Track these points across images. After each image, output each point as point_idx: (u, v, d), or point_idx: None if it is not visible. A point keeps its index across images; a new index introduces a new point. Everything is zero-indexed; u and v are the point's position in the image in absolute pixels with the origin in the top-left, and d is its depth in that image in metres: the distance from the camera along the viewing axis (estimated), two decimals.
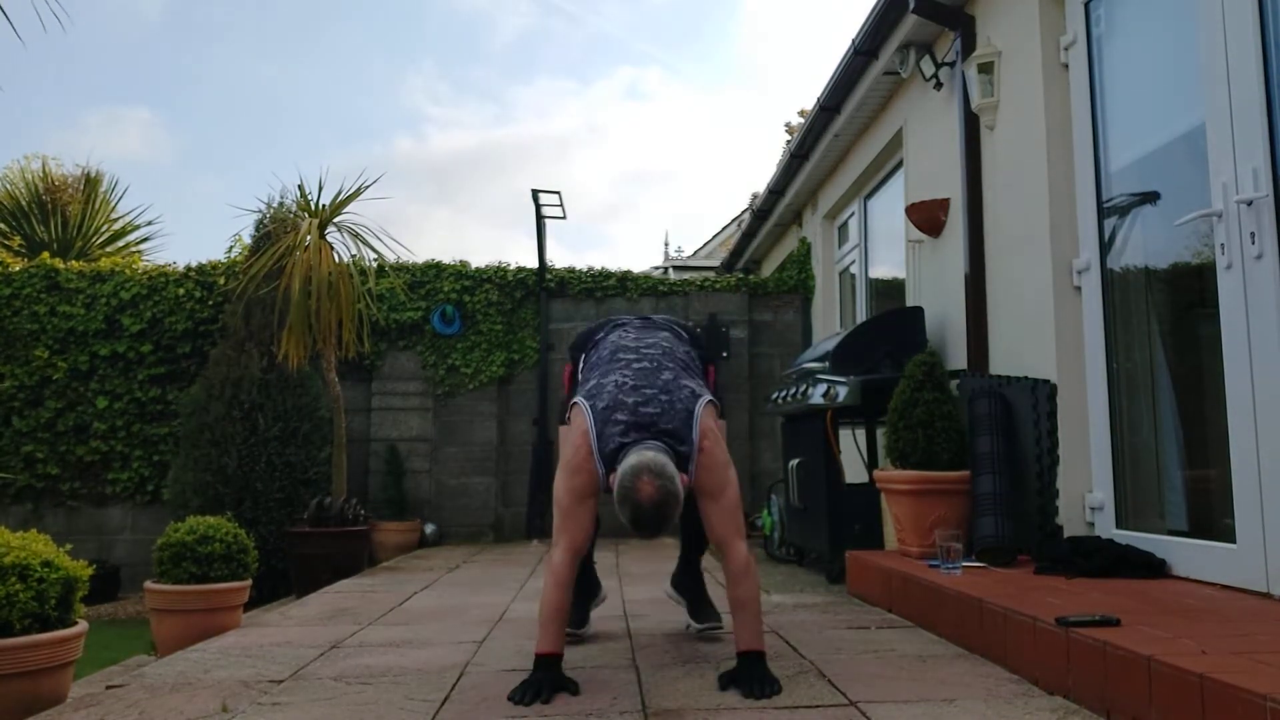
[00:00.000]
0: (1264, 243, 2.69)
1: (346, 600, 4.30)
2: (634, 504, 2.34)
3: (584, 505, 2.56)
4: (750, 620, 2.49)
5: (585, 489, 2.56)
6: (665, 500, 2.33)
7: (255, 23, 34.21)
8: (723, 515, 2.56)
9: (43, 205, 10.57)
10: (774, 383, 7.50)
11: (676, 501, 2.35)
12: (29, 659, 2.48)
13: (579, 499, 2.56)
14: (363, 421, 7.67)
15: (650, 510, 2.33)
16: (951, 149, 4.64)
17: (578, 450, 2.56)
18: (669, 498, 2.34)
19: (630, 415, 2.53)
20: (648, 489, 2.33)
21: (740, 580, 2.50)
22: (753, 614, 2.49)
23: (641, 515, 2.33)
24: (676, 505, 2.35)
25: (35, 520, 7.38)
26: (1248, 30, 2.76)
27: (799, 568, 5.16)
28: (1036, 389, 3.76)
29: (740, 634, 2.48)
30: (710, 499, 2.56)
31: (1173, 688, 1.87)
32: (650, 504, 2.32)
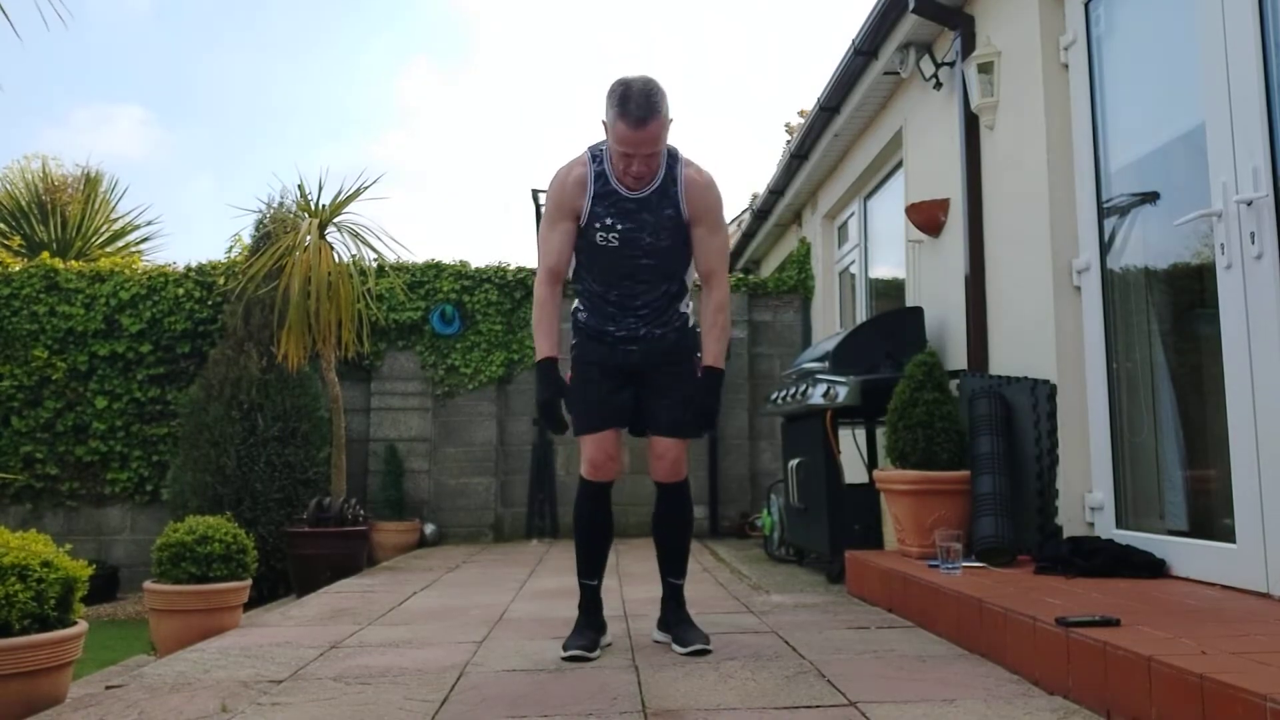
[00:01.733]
0: (1264, 243, 2.68)
1: (346, 600, 4.30)
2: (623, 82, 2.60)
3: (557, 230, 2.80)
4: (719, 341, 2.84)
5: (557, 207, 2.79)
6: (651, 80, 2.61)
7: (248, 19, 34.14)
8: (719, 248, 2.87)
9: (42, 205, 10.57)
10: (774, 383, 7.50)
11: (664, 93, 2.61)
12: (28, 659, 2.48)
13: (551, 223, 2.81)
14: (362, 421, 7.67)
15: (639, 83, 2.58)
16: (951, 149, 4.63)
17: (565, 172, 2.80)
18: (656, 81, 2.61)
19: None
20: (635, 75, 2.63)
21: (720, 312, 2.84)
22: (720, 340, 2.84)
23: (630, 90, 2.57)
24: (664, 95, 2.61)
25: (34, 520, 7.38)
26: (1248, 30, 2.76)
27: (799, 568, 5.16)
28: (1036, 389, 3.75)
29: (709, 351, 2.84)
30: (709, 231, 2.83)
31: (1173, 688, 1.87)
32: (639, 80, 2.60)
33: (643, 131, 2.58)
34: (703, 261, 2.86)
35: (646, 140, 2.61)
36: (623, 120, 2.57)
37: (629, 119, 2.56)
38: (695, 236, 2.83)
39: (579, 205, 2.77)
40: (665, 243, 2.82)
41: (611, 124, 2.63)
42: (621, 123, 2.58)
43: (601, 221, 2.77)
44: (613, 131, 2.64)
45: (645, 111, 2.56)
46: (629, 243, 2.79)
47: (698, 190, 2.79)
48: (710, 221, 2.83)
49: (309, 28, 40.37)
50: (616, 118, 2.59)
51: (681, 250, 2.88)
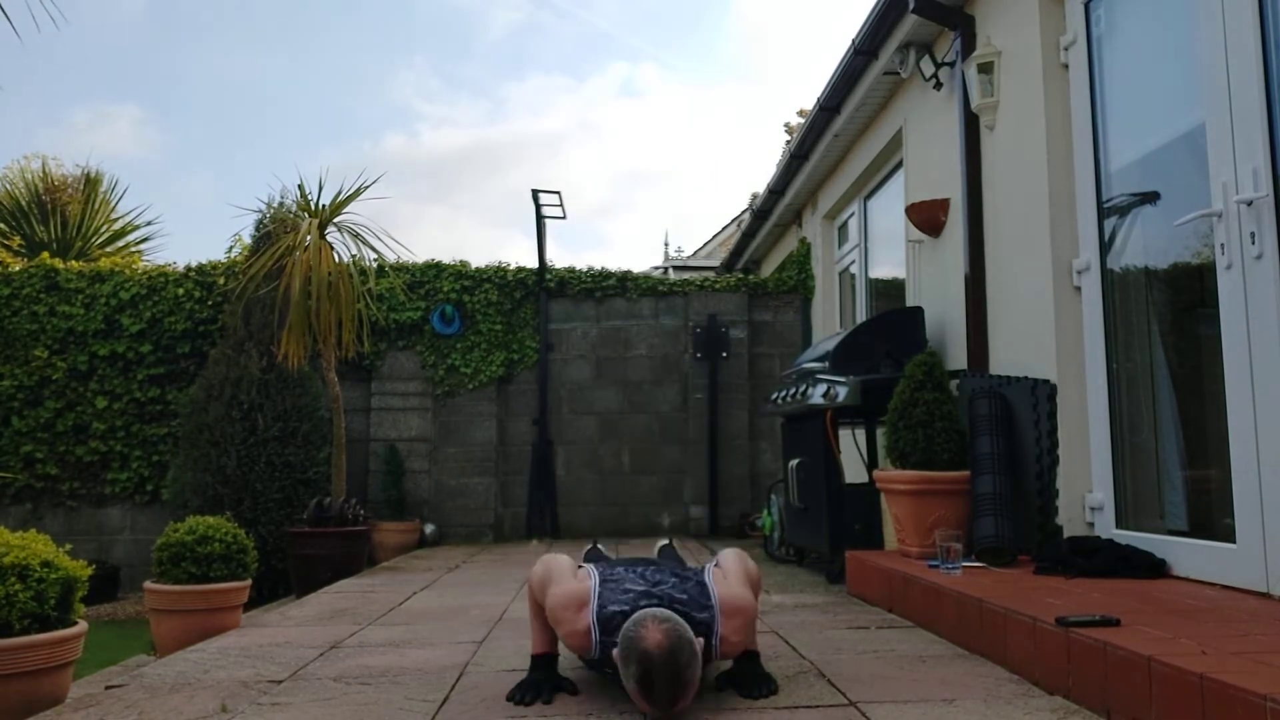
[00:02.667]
0: (1264, 243, 2.68)
1: (346, 600, 4.30)
2: (640, 654, 2.00)
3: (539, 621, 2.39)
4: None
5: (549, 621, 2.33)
6: (679, 645, 2.01)
7: (242, 18, 34.25)
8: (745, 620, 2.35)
9: (42, 205, 10.57)
10: (774, 383, 7.50)
11: (693, 651, 2.04)
12: (28, 659, 2.48)
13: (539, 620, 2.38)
14: (362, 421, 7.67)
15: (661, 658, 1.99)
16: (951, 149, 4.63)
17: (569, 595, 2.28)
18: (683, 642, 2.02)
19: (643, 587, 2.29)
20: (654, 633, 2.02)
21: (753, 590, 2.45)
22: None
23: (652, 667, 1.99)
24: (694, 657, 2.04)
25: (34, 520, 7.38)
26: (1248, 30, 2.76)
27: (799, 568, 5.16)
28: (1036, 389, 3.75)
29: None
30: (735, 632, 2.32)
31: (1173, 688, 1.87)
32: (660, 650, 1.99)
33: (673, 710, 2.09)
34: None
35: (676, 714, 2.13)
36: (645, 703, 2.07)
37: (654, 706, 2.06)
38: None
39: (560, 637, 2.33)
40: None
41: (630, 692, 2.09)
42: (643, 703, 2.07)
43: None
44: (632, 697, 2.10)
45: (673, 701, 2.05)
46: None
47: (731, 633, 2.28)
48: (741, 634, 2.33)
49: (304, 26, 40.30)
50: (637, 695, 2.07)
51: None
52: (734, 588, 2.35)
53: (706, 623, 2.24)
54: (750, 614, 2.34)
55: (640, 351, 8.01)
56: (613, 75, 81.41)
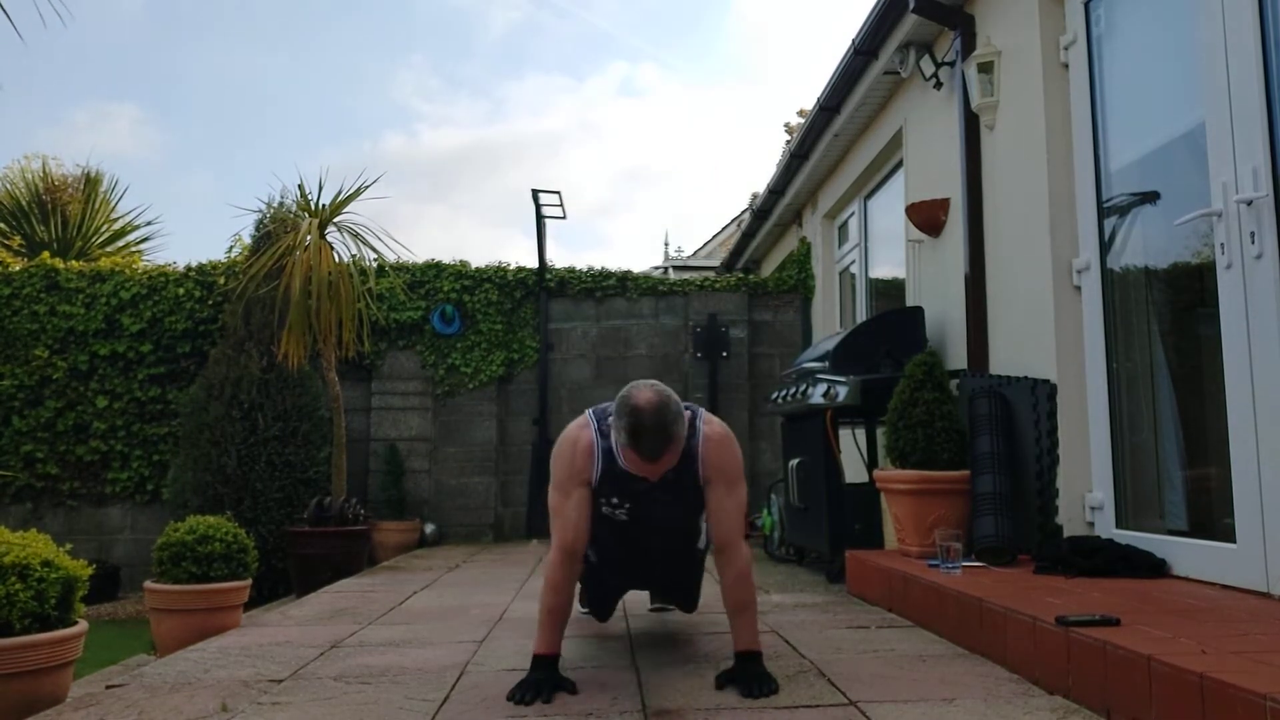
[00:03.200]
0: (1264, 242, 2.69)
1: (346, 600, 4.30)
2: (631, 408, 2.29)
3: (571, 499, 2.51)
4: (749, 621, 2.50)
5: (568, 476, 2.52)
6: (666, 403, 2.30)
7: (242, 17, 34.15)
8: (737, 513, 2.54)
9: (43, 205, 10.57)
10: (774, 383, 7.50)
11: (679, 412, 2.33)
12: (29, 659, 2.48)
13: (564, 491, 2.52)
14: (362, 421, 7.67)
15: (649, 412, 2.28)
16: (951, 149, 4.64)
17: (565, 437, 2.59)
18: (670, 401, 2.31)
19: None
20: (646, 393, 2.32)
21: (743, 582, 2.50)
22: (751, 615, 2.52)
23: (641, 419, 2.27)
24: (679, 418, 2.33)
25: (35, 520, 7.38)
26: (1248, 30, 2.76)
27: (799, 568, 5.16)
28: (1036, 389, 3.76)
29: (739, 634, 2.49)
30: (727, 488, 2.53)
31: (1173, 687, 1.87)
32: (649, 406, 2.29)
33: (656, 464, 2.34)
34: (718, 530, 2.54)
35: (662, 467, 2.37)
36: (634, 452, 2.33)
37: (641, 454, 2.32)
38: (709, 497, 2.55)
39: (590, 475, 2.53)
40: (678, 516, 2.67)
41: (621, 447, 2.36)
42: (633, 453, 2.33)
43: (609, 499, 2.57)
44: (624, 453, 2.38)
45: (659, 449, 2.30)
46: (638, 520, 2.60)
47: (714, 452, 2.53)
48: (726, 479, 2.54)
49: (304, 25, 40.31)
50: (627, 445, 2.33)
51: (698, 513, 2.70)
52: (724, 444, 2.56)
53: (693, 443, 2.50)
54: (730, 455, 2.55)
55: (640, 351, 8.01)
56: (612, 75, 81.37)
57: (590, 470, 2.51)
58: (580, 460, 2.52)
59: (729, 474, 2.54)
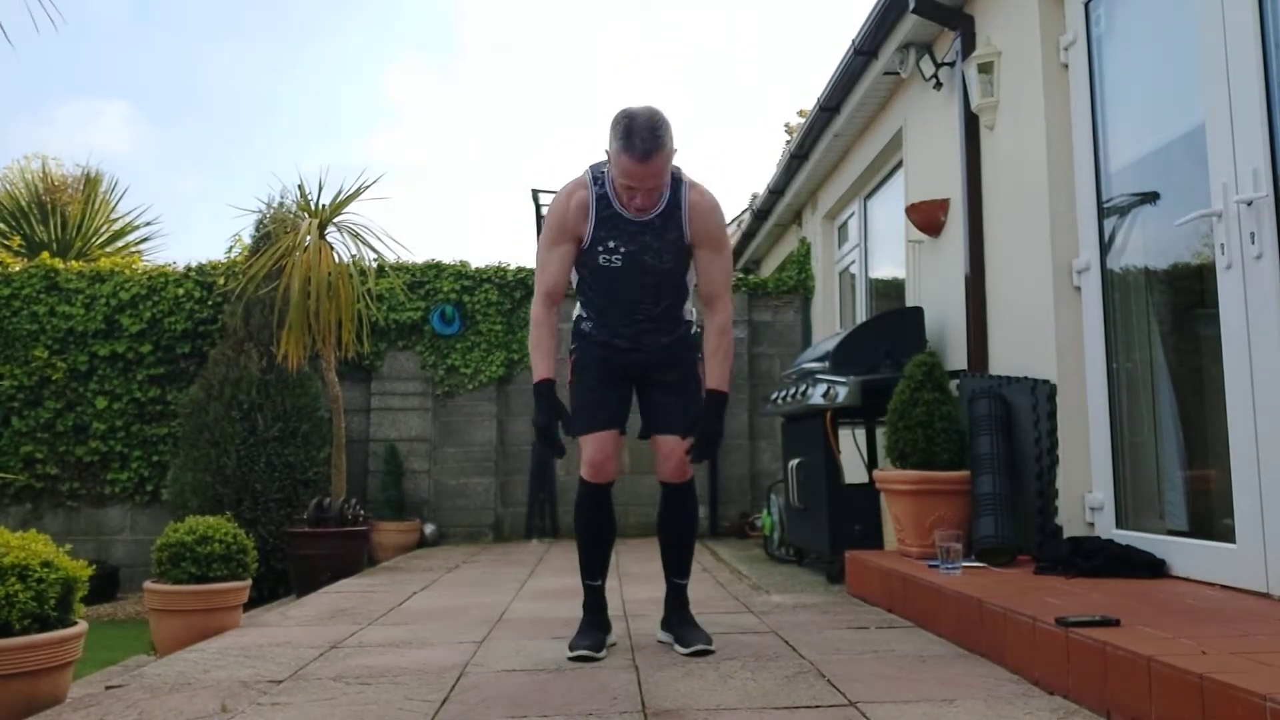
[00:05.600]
0: (1264, 243, 2.68)
1: (346, 600, 4.30)
2: (626, 112, 2.56)
3: (554, 250, 2.77)
4: (721, 365, 2.83)
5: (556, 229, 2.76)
6: (657, 113, 2.57)
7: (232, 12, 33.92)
8: (721, 270, 2.83)
9: (42, 205, 10.58)
10: (774, 383, 7.50)
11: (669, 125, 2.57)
12: (28, 659, 2.48)
13: (550, 244, 2.77)
14: (362, 421, 7.67)
15: (643, 115, 2.54)
16: (951, 149, 4.64)
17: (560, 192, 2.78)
18: (661, 114, 2.57)
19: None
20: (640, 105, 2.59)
21: (724, 335, 2.84)
22: (725, 360, 2.84)
23: (635, 120, 2.53)
24: (669, 129, 2.57)
25: (34, 520, 7.38)
26: (1248, 30, 2.76)
27: (799, 568, 5.16)
28: (1036, 389, 3.75)
29: (711, 374, 2.83)
30: (713, 253, 2.80)
31: (1173, 688, 1.87)
32: (643, 110, 2.56)
33: (647, 165, 2.55)
34: (705, 285, 2.83)
35: (650, 174, 2.59)
36: (626, 154, 2.54)
37: (633, 152, 2.52)
38: (698, 259, 2.82)
39: (581, 229, 2.76)
40: (669, 264, 2.82)
41: (615, 155, 2.59)
42: (625, 156, 2.54)
43: (604, 244, 2.76)
44: (616, 162, 2.61)
45: (650, 145, 2.52)
46: (632, 265, 2.78)
47: (701, 214, 2.77)
48: (713, 244, 2.80)
49: (296, 22, 40.27)
50: (620, 150, 2.55)
51: (685, 269, 2.89)
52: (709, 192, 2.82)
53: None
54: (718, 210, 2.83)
55: None
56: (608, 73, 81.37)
57: (583, 224, 2.74)
58: (574, 214, 2.74)
59: (715, 238, 2.81)
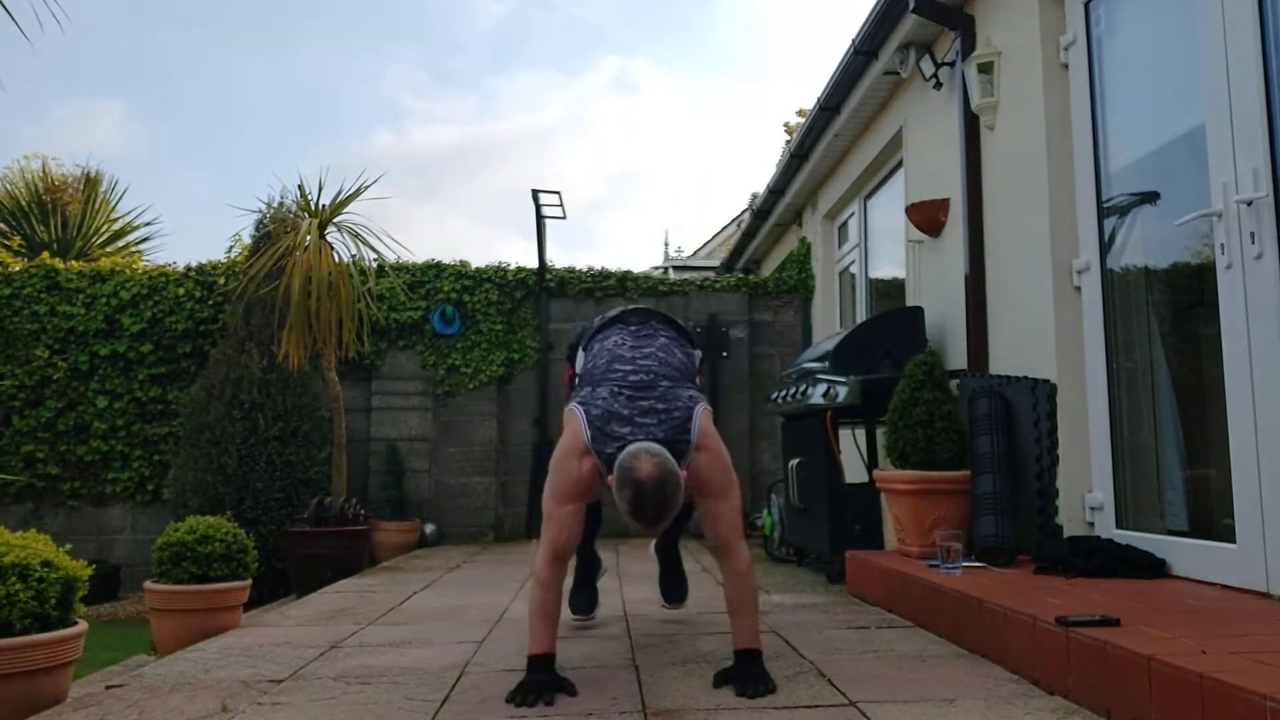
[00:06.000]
0: (1264, 243, 2.69)
1: (346, 600, 4.30)
2: (633, 484, 2.30)
3: (565, 508, 2.53)
4: (749, 620, 2.52)
5: (568, 490, 2.53)
6: (665, 478, 2.30)
7: (227, 11, 33.98)
8: (730, 515, 2.57)
9: (43, 205, 10.57)
10: (774, 383, 7.50)
11: (677, 482, 2.33)
12: (29, 659, 2.48)
13: (560, 501, 2.54)
14: (362, 421, 7.67)
15: (651, 488, 2.29)
16: (951, 149, 4.64)
17: (569, 450, 2.55)
18: (669, 475, 2.31)
19: (626, 425, 2.52)
20: (646, 465, 2.31)
21: (743, 580, 2.53)
22: (752, 614, 2.54)
23: (642, 494, 2.29)
24: (678, 487, 2.33)
25: (35, 520, 7.38)
26: (1248, 30, 2.76)
27: (799, 568, 5.16)
28: (1036, 389, 3.76)
29: (740, 633, 2.51)
30: (715, 498, 2.56)
31: (1173, 688, 1.87)
32: (650, 481, 2.29)
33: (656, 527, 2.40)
34: (715, 531, 2.58)
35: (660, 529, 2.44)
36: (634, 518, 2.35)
37: (643, 524, 2.37)
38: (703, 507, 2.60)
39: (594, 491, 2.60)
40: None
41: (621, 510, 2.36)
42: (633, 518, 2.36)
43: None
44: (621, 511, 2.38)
45: (659, 520, 2.35)
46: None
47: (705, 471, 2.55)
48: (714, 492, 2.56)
49: (290, 20, 40.16)
50: (627, 514, 2.35)
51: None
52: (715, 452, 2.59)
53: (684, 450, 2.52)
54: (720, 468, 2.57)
55: None
56: (604, 69, 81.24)
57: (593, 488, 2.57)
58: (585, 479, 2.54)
59: (715, 486, 2.57)
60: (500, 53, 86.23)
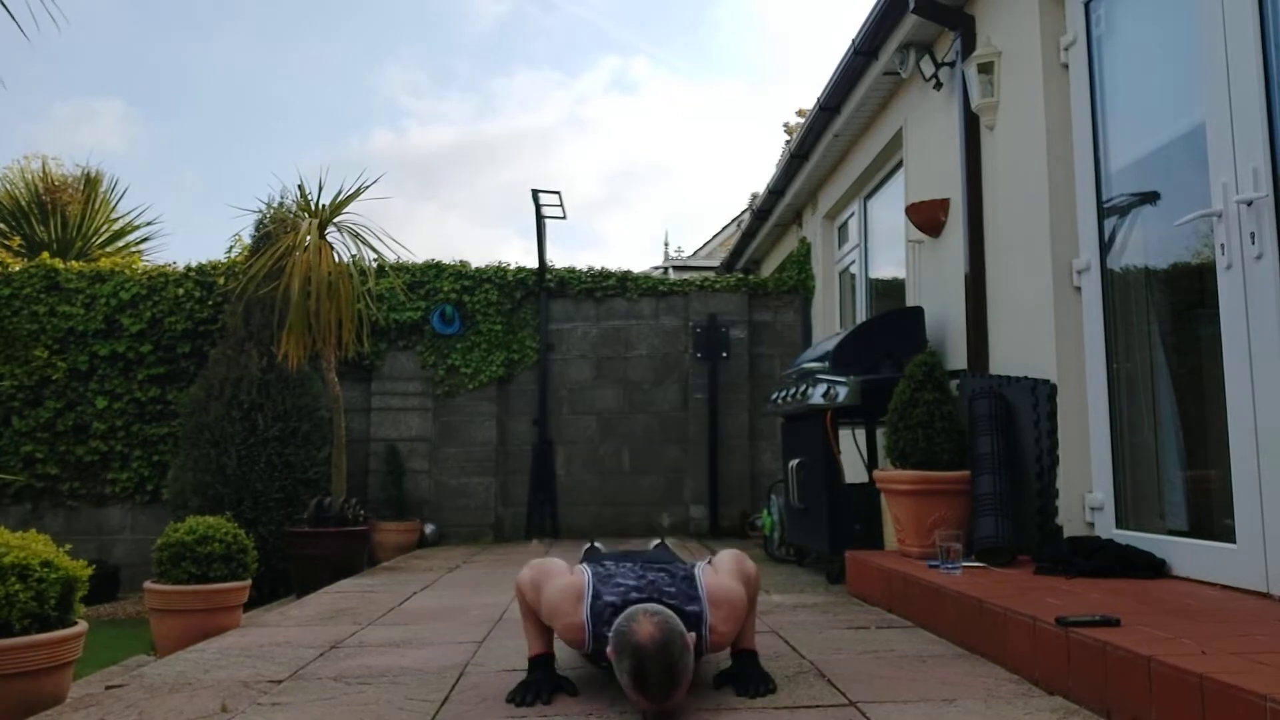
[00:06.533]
0: (1264, 243, 2.68)
1: (346, 600, 4.30)
2: (634, 648, 2.02)
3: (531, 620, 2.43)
4: (750, 622, 2.52)
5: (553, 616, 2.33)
6: (670, 639, 2.03)
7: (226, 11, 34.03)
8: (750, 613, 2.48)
9: (43, 205, 10.57)
10: (774, 383, 7.50)
11: (684, 645, 2.06)
12: (29, 659, 2.48)
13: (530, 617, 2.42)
14: (362, 421, 7.67)
15: (654, 651, 2.00)
16: (951, 149, 4.64)
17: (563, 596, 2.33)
18: (674, 636, 2.04)
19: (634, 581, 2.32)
20: (647, 627, 2.04)
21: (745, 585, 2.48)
22: (751, 616, 2.53)
23: (646, 661, 2.01)
24: (685, 649, 2.06)
25: (35, 520, 7.38)
26: (1248, 30, 2.76)
27: (799, 568, 5.16)
28: (1036, 389, 3.75)
29: (741, 635, 2.50)
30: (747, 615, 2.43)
31: (1173, 688, 1.87)
32: (652, 643, 2.01)
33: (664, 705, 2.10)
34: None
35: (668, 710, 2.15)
36: (639, 697, 2.08)
37: (648, 700, 2.07)
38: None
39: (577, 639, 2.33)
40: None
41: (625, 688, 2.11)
42: (637, 697, 2.08)
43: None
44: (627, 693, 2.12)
45: (668, 692, 2.05)
46: None
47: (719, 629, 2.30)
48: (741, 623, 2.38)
49: (289, 20, 40.30)
50: (631, 689, 2.08)
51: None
52: (723, 580, 2.38)
53: (696, 614, 2.25)
54: (738, 603, 2.35)
55: (640, 351, 8.02)
56: (604, 69, 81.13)
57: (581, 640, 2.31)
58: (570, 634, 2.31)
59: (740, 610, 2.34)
60: (500, 52, 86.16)
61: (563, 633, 2.33)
